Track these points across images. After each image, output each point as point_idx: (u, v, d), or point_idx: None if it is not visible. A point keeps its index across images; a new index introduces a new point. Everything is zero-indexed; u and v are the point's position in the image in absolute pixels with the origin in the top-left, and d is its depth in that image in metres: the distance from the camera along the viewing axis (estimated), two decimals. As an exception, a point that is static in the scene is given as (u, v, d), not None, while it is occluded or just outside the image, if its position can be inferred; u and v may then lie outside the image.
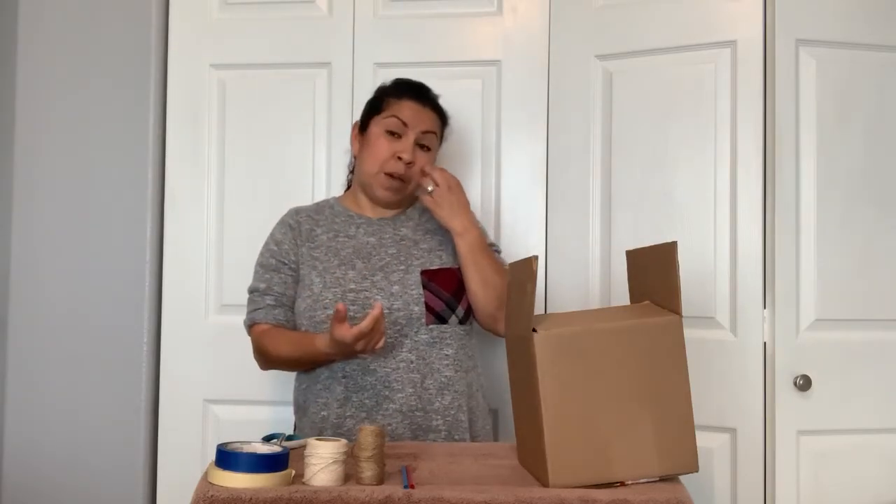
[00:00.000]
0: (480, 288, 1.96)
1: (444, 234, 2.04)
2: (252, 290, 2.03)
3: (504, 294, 1.89)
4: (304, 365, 1.98)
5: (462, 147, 2.43)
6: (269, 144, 2.47)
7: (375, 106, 2.06)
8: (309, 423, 1.97)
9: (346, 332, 1.72)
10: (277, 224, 2.08)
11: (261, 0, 2.50)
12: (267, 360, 2.00)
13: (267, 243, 2.06)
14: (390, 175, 1.98)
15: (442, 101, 2.12)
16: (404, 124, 1.99)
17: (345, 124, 2.20)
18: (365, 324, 1.71)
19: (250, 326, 2.02)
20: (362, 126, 2.07)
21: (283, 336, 1.96)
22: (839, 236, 2.18)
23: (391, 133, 2.00)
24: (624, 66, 2.35)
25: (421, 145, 2.01)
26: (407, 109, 2.01)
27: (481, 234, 2.01)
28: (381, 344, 1.78)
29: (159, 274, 2.48)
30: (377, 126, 2.02)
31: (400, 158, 1.97)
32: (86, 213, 2.47)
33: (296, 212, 2.09)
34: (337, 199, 2.13)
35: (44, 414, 2.45)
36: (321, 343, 1.84)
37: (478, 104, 2.44)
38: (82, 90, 2.49)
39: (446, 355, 1.95)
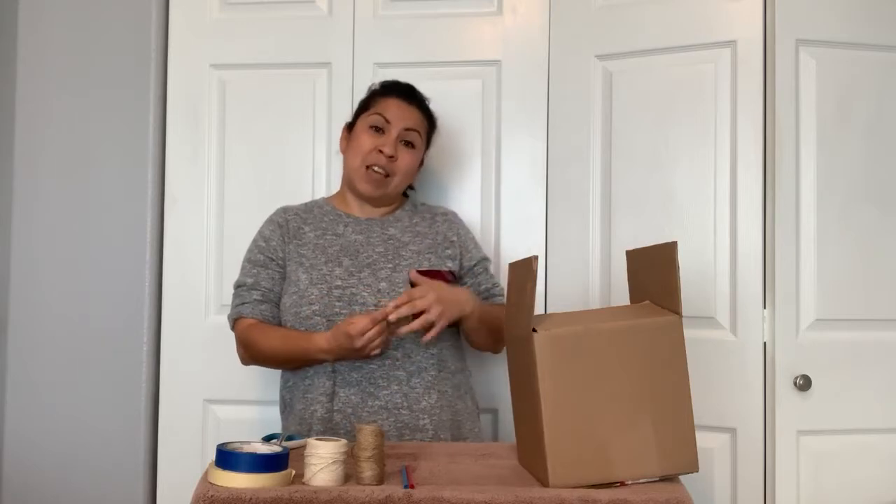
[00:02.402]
0: (489, 341, 2.04)
1: (434, 238, 2.06)
2: (238, 285, 2.04)
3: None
4: (293, 363, 1.98)
5: (462, 147, 2.43)
6: (269, 144, 2.47)
7: (363, 105, 2.11)
8: (296, 420, 1.98)
9: (363, 318, 1.79)
10: (266, 221, 2.10)
11: (261, 0, 2.50)
12: (253, 355, 2.02)
13: (255, 240, 2.08)
14: (371, 167, 2.00)
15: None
16: (387, 121, 2.03)
17: (343, 120, 2.21)
18: (379, 313, 1.79)
19: (235, 320, 2.03)
20: (351, 125, 2.11)
21: (274, 332, 1.97)
22: (839, 236, 2.18)
23: (375, 129, 2.03)
24: (624, 66, 2.35)
25: (405, 142, 2.04)
26: (391, 107, 2.05)
27: (474, 300, 1.96)
28: (377, 352, 1.84)
29: (159, 274, 2.48)
30: (362, 122, 2.06)
31: (381, 152, 2.00)
32: (86, 213, 2.47)
33: (284, 210, 2.11)
34: (326, 200, 2.15)
35: (44, 414, 2.45)
36: (321, 340, 1.85)
37: (478, 104, 2.44)
38: (82, 90, 2.49)
39: (432, 354, 1.96)
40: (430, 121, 2.12)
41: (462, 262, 2.08)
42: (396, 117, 2.03)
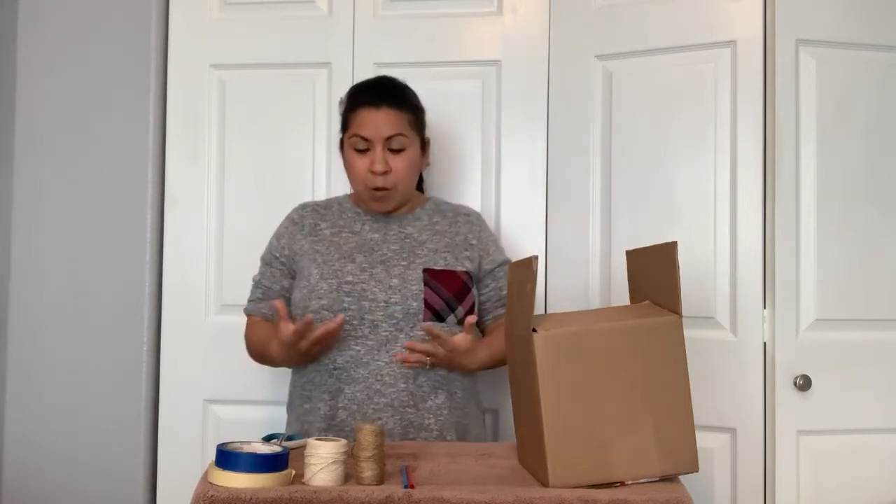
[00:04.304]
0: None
1: (453, 238, 2.05)
2: (253, 281, 2.10)
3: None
4: (271, 361, 2.02)
5: (462, 147, 2.43)
6: (269, 144, 2.47)
7: (343, 122, 2.06)
8: (296, 415, 2.00)
9: (286, 329, 1.82)
10: (284, 219, 2.11)
11: (261, 0, 2.50)
12: (252, 354, 2.08)
13: (271, 237, 2.10)
14: (374, 189, 1.99)
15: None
16: (366, 139, 1.97)
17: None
18: (318, 332, 1.82)
19: (248, 316, 2.10)
20: (341, 142, 2.08)
21: (260, 330, 2.03)
22: (839, 236, 2.18)
23: (360, 149, 1.99)
24: (624, 66, 2.35)
25: (392, 150, 1.98)
26: (365, 122, 1.97)
27: (484, 364, 1.98)
28: (316, 351, 1.89)
29: (159, 274, 2.48)
30: (347, 145, 2.02)
31: (374, 172, 1.97)
32: (86, 213, 2.47)
33: (302, 207, 2.12)
34: (347, 196, 2.15)
35: (44, 414, 2.45)
36: (275, 345, 1.92)
37: (478, 104, 2.44)
38: (82, 90, 2.49)
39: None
40: (411, 111, 2.02)
41: (482, 265, 2.06)
42: (373, 132, 1.96)
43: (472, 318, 1.87)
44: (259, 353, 2.04)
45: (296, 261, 2.03)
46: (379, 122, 1.97)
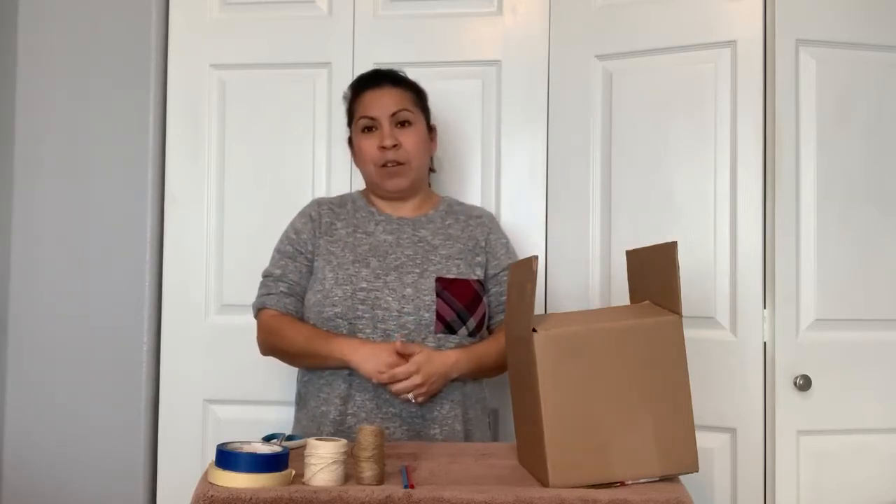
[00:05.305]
0: (484, 376, 2.04)
1: (465, 243, 2.04)
2: (266, 275, 2.04)
3: (501, 354, 1.91)
4: (311, 362, 1.96)
5: (462, 147, 2.43)
6: (269, 144, 2.47)
7: (348, 115, 2.10)
8: (308, 416, 1.98)
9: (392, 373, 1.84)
10: (298, 214, 2.09)
11: (261, 0, 2.50)
12: (274, 345, 2.00)
13: (287, 231, 2.08)
14: (384, 165, 2.00)
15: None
16: (372, 118, 2.02)
17: (345, 124, 2.21)
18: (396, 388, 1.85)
19: (259, 310, 2.02)
20: (349, 139, 2.11)
21: (301, 327, 1.96)
22: (839, 236, 2.18)
23: (368, 130, 2.02)
24: (624, 66, 2.35)
25: (399, 125, 2.02)
26: (369, 102, 2.03)
27: (460, 360, 1.93)
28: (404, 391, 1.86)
29: (159, 274, 2.48)
30: (355, 131, 2.06)
31: (384, 148, 1.99)
32: (86, 213, 2.47)
33: (318, 203, 2.11)
34: (360, 193, 2.14)
35: (44, 414, 2.45)
36: (349, 352, 1.87)
37: (478, 104, 2.44)
38: (82, 90, 2.49)
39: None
40: (413, 90, 2.08)
41: (487, 269, 2.05)
42: (378, 110, 2.01)
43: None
44: (295, 352, 1.97)
45: (312, 259, 2.02)
46: (383, 99, 2.03)
